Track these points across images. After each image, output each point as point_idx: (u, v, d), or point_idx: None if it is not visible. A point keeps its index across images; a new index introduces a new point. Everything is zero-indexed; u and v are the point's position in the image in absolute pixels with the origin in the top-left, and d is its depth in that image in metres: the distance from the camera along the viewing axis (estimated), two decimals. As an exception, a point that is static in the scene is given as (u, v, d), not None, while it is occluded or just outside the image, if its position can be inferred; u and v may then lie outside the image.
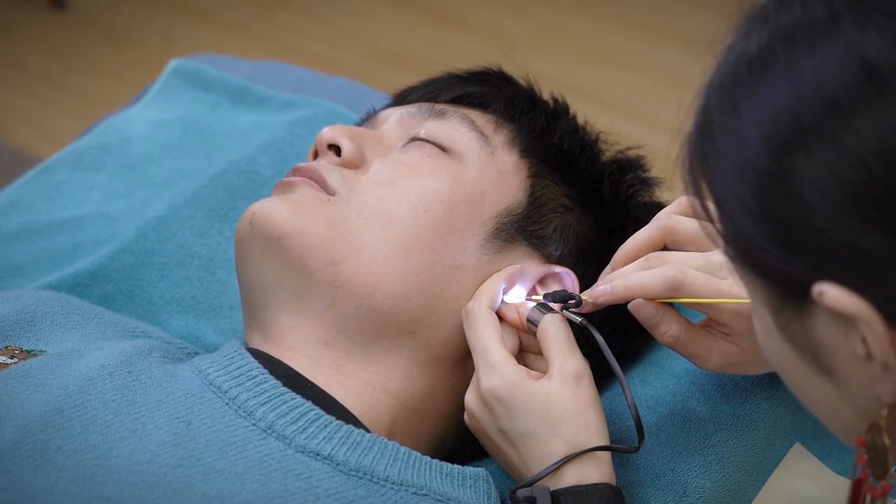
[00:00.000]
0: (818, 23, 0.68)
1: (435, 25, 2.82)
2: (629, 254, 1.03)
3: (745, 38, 0.72)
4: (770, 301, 0.73)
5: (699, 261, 0.99)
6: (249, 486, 0.92)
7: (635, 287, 1.00)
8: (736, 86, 0.71)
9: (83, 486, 0.89)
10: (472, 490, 0.99)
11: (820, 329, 0.71)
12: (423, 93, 1.18)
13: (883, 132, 0.66)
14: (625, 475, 1.06)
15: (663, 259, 1.00)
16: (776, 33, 0.70)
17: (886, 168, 0.66)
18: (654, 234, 1.02)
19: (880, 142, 0.66)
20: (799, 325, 0.72)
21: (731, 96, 0.71)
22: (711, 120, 0.72)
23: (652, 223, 1.03)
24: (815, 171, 0.67)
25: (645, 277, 0.99)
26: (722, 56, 0.73)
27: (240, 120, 1.46)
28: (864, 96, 0.66)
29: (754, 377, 1.12)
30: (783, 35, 0.70)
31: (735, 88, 0.71)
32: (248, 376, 1.00)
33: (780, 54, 0.69)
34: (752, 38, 0.71)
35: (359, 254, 1.04)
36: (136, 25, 2.83)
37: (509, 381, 0.99)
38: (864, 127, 0.66)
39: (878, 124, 0.66)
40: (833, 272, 0.68)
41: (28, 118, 2.62)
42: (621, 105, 2.56)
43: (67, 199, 1.38)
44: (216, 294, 1.25)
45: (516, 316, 1.05)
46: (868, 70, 0.66)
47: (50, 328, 1.07)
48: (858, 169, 0.66)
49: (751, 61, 0.71)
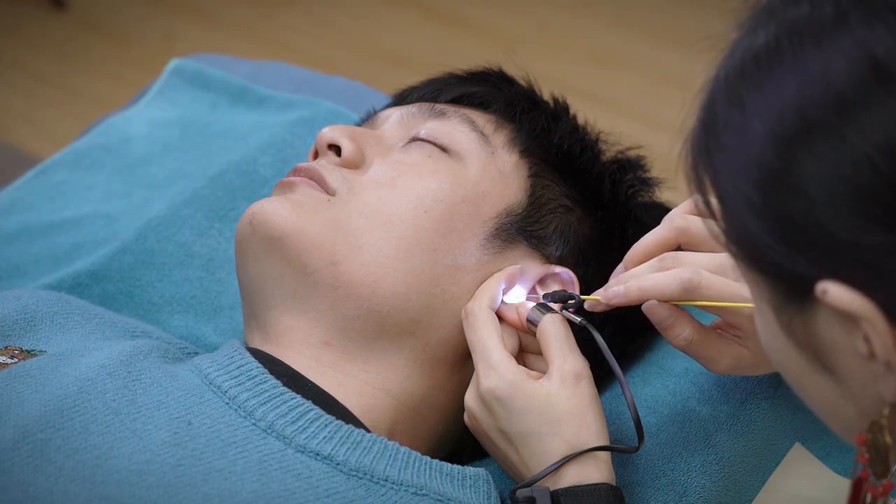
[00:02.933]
0: (826, 19, 0.68)
1: (435, 25, 2.82)
2: (642, 254, 1.02)
3: (750, 34, 0.71)
4: (772, 298, 0.72)
5: (713, 262, 0.98)
6: (249, 486, 0.92)
7: (650, 289, 0.99)
8: (742, 80, 0.71)
9: (83, 486, 0.89)
10: (472, 490, 0.99)
11: (822, 327, 0.70)
12: (423, 93, 1.18)
13: (889, 130, 0.65)
14: (625, 475, 1.06)
15: (678, 260, 0.99)
16: (783, 29, 0.69)
17: (892, 166, 0.65)
18: (668, 235, 1.01)
19: (886, 139, 0.65)
20: (801, 323, 0.71)
21: (736, 91, 0.71)
22: (716, 115, 0.72)
23: (665, 223, 1.02)
24: (819, 168, 0.67)
25: (660, 279, 0.99)
26: (727, 51, 0.72)
27: (240, 120, 1.46)
28: (870, 93, 0.66)
29: (755, 377, 1.12)
30: (790, 31, 0.69)
31: (741, 83, 0.71)
32: (248, 376, 1.00)
33: (786, 50, 0.69)
34: (758, 33, 0.70)
35: (359, 254, 1.04)
36: (136, 25, 2.83)
37: (509, 381, 0.99)
38: (871, 124, 0.66)
39: (884, 122, 0.65)
40: (836, 270, 0.68)
41: (28, 118, 2.62)
42: (621, 105, 2.56)
43: (67, 199, 1.38)
44: (216, 294, 1.25)
45: (516, 316, 1.05)
46: (875, 67, 0.66)
47: (50, 328, 1.07)
48: (864, 166, 0.66)
49: (757, 56, 0.70)
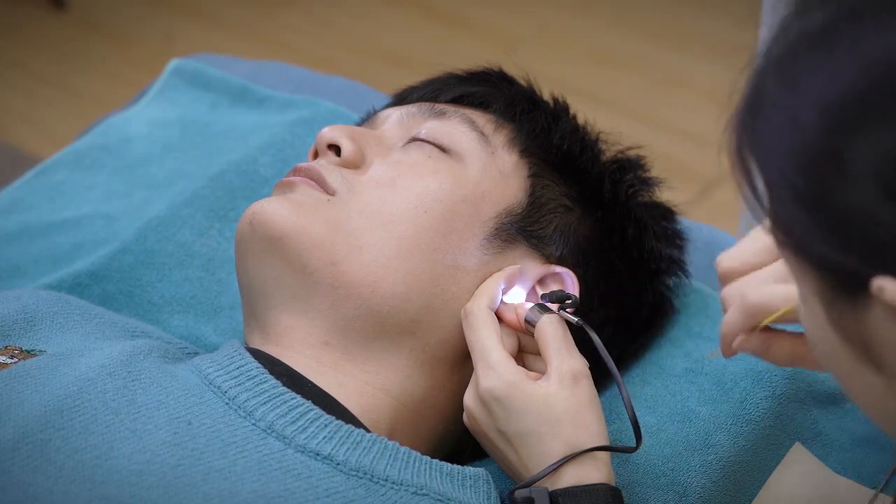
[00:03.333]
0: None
1: (435, 25, 2.82)
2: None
3: (804, 14, 0.68)
4: (821, 291, 0.69)
5: (766, 274, 0.92)
6: (249, 486, 0.92)
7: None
8: (795, 61, 0.67)
9: (83, 486, 0.89)
10: (472, 490, 0.99)
11: (875, 323, 0.67)
12: (423, 93, 1.18)
13: None
14: (625, 475, 1.06)
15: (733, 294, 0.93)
16: (841, 9, 0.66)
17: None
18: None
19: None
20: (852, 318, 0.68)
21: (789, 71, 0.67)
22: (765, 95, 0.68)
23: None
24: (875, 158, 0.63)
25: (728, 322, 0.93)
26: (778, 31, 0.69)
27: (240, 120, 1.46)
28: None
29: (754, 376, 1.12)
30: (849, 11, 0.66)
31: (794, 64, 0.67)
32: (247, 376, 1.00)
33: (844, 31, 0.65)
34: (813, 14, 0.67)
35: (359, 254, 1.04)
36: (136, 25, 2.83)
37: (508, 381, 0.99)
38: None
39: None
40: (891, 265, 0.64)
41: (28, 118, 2.62)
42: (621, 105, 2.56)
43: (67, 199, 1.38)
44: (216, 294, 1.25)
45: (514, 316, 1.05)
46: None
47: (50, 328, 1.07)
48: None
49: (812, 37, 0.67)
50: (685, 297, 1.22)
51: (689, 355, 1.17)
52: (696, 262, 1.24)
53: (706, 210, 2.27)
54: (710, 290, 1.24)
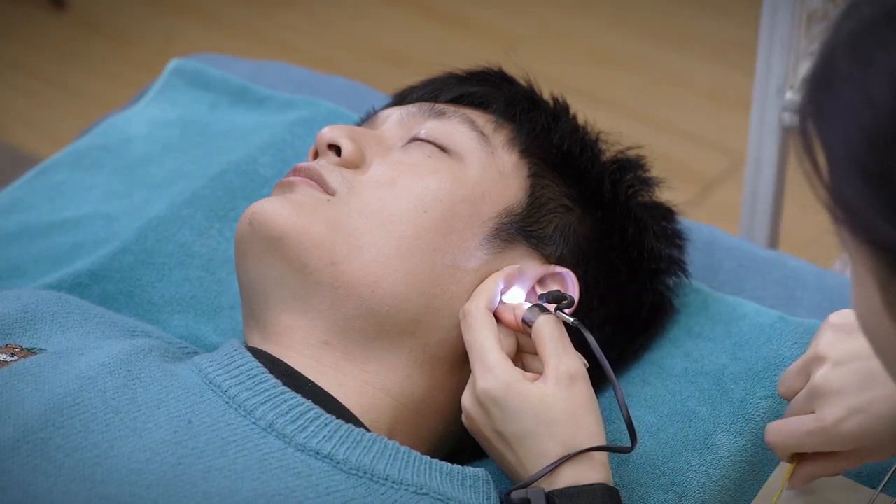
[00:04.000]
0: None
1: (435, 25, 2.82)
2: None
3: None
4: (878, 272, 0.67)
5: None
6: (249, 485, 0.92)
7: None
8: (871, 36, 0.65)
9: (83, 484, 0.89)
10: (472, 490, 0.99)
11: None
12: (423, 93, 1.18)
13: None
14: (624, 475, 1.06)
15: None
16: None
17: None
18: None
19: None
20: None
21: (864, 45, 0.65)
22: (836, 69, 0.66)
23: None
24: None
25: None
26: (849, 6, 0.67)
27: (240, 120, 1.46)
28: None
29: (754, 376, 1.12)
30: None
31: (869, 38, 0.65)
32: (247, 375, 1.00)
33: None
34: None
35: (359, 254, 1.04)
36: (136, 25, 2.83)
37: (505, 382, 0.99)
38: None
39: None
40: None
41: (28, 118, 2.62)
42: (621, 105, 2.56)
43: (67, 199, 1.38)
44: (216, 294, 1.25)
45: (512, 317, 1.05)
46: None
47: (50, 327, 1.07)
48: None
49: (889, 13, 0.65)
50: (685, 296, 1.22)
51: (689, 355, 1.17)
52: (696, 262, 1.24)
53: (706, 210, 2.27)
54: (709, 290, 1.24)
